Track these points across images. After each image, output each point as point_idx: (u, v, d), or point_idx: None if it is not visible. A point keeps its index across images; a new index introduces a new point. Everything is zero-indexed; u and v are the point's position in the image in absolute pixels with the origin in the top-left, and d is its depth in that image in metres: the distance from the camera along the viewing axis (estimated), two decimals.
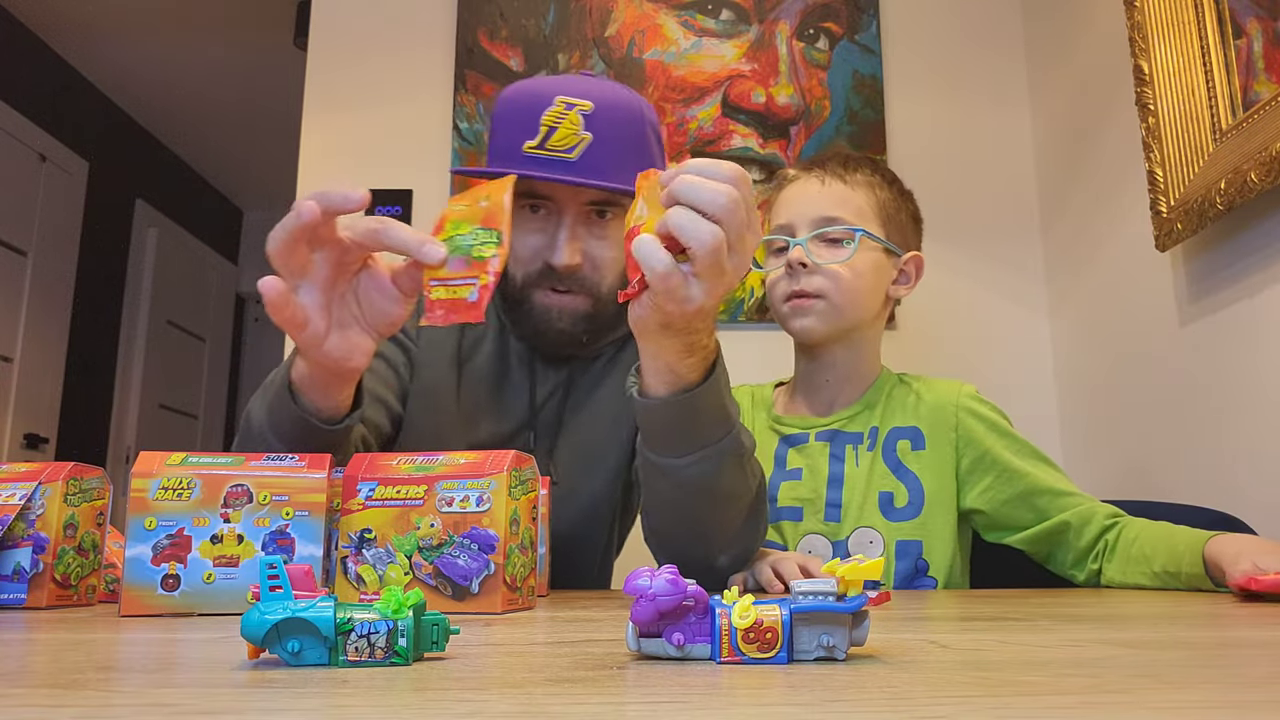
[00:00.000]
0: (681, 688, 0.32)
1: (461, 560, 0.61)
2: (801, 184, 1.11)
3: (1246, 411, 1.24)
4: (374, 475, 0.63)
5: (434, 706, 0.28)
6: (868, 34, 1.89)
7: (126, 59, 3.58)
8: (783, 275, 1.08)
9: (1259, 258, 1.21)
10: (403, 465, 0.64)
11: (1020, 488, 1.03)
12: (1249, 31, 1.20)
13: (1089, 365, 1.68)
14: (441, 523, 0.61)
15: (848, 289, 1.06)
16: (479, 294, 0.70)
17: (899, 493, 1.05)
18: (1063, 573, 1.04)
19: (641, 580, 0.37)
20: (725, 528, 0.86)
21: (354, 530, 0.62)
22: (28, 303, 3.28)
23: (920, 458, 1.06)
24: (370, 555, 0.62)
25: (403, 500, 0.62)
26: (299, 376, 0.75)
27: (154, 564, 0.61)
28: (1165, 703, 0.29)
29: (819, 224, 1.07)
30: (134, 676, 0.35)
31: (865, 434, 1.09)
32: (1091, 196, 1.66)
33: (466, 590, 0.61)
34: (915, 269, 1.14)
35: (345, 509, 0.63)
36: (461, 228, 0.71)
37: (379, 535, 0.62)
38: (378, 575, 0.61)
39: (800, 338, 1.11)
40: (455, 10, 1.90)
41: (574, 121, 0.91)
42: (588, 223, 0.96)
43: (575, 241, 0.95)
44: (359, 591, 0.62)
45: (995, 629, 0.51)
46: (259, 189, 4.72)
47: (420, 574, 0.61)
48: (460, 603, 0.60)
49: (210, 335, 4.58)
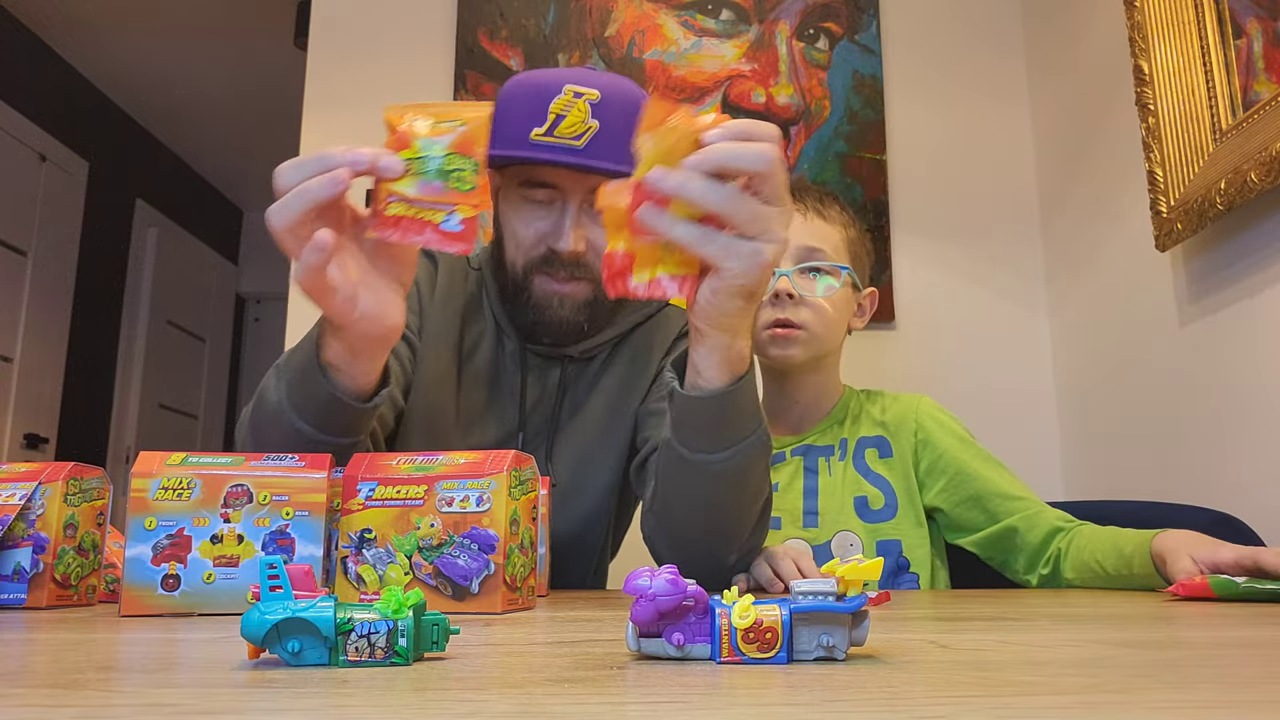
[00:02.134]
0: (681, 688, 0.32)
1: (461, 560, 0.61)
2: None
3: (1246, 411, 1.24)
4: (374, 475, 0.63)
5: (434, 706, 0.28)
6: (868, 34, 1.89)
7: (126, 59, 3.58)
8: (766, 303, 1.10)
9: (1259, 258, 1.21)
10: (402, 465, 0.64)
11: (972, 490, 1.07)
12: (1249, 31, 1.20)
13: (1089, 365, 1.68)
14: (441, 523, 0.61)
15: (829, 321, 1.11)
16: (464, 226, 0.66)
17: (873, 496, 1.10)
18: (1017, 579, 1.06)
19: (641, 580, 0.38)
20: (745, 525, 0.86)
21: (354, 530, 0.62)
22: (28, 303, 3.28)
23: (889, 464, 1.12)
24: (370, 555, 0.62)
25: (403, 500, 0.62)
26: (333, 356, 0.73)
27: (154, 564, 0.61)
28: (1164, 703, 0.29)
29: (803, 255, 1.10)
30: (134, 676, 0.35)
31: (835, 446, 1.14)
32: (1091, 196, 1.66)
33: (466, 590, 0.61)
34: (870, 304, 1.20)
35: (345, 509, 0.63)
36: (433, 148, 0.67)
37: (379, 535, 0.62)
38: (378, 575, 0.61)
39: (779, 364, 1.14)
40: (455, 10, 1.90)
41: (582, 109, 0.91)
42: (592, 211, 0.96)
43: (580, 228, 0.95)
44: (359, 591, 0.62)
45: (995, 629, 0.51)
46: (259, 189, 4.71)
47: (420, 574, 0.61)
48: (460, 603, 0.61)
49: (210, 335, 4.58)
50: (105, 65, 3.63)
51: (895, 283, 1.81)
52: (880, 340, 1.79)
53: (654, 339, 1.09)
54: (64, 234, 3.51)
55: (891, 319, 1.79)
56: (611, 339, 1.06)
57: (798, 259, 1.10)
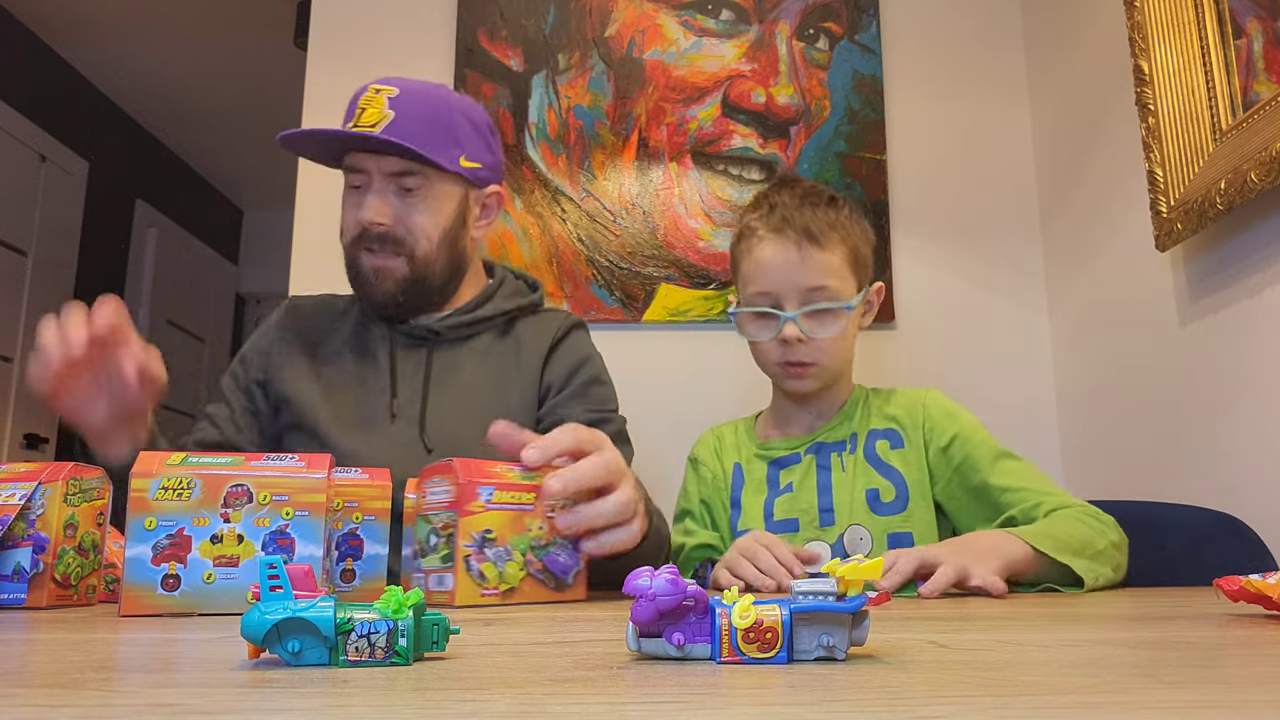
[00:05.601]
0: (681, 688, 0.32)
1: (562, 557, 0.74)
2: (777, 248, 1.10)
3: (1246, 411, 1.24)
4: (489, 480, 0.71)
5: (434, 706, 0.28)
6: (868, 34, 1.88)
7: (126, 59, 3.58)
8: (774, 344, 1.11)
9: (1259, 258, 1.21)
10: (509, 473, 0.73)
11: (975, 481, 1.06)
12: (1249, 31, 1.20)
13: (1089, 365, 1.68)
14: (547, 525, 0.73)
15: (839, 350, 1.12)
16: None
17: (884, 488, 1.10)
18: None
19: (641, 580, 0.38)
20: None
21: (476, 530, 0.69)
22: (28, 303, 3.28)
23: (902, 455, 1.11)
24: (491, 554, 0.69)
25: (517, 505, 0.72)
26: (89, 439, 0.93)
27: (154, 564, 0.61)
28: (1165, 703, 0.29)
29: (806, 295, 1.09)
30: (134, 676, 0.35)
31: (846, 440, 1.14)
32: (1091, 196, 1.66)
33: (565, 582, 0.74)
34: (877, 297, 1.19)
35: (466, 510, 0.69)
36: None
37: (499, 535, 0.70)
38: (498, 572, 0.69)
39: (796, 394, 1.16)
40: (455, 10, 1.90)
41: (379, 103, 1.06)
42: (397, 191, 1.09)
43: (383, 204, 1.08)
44: (480, 587, 0.68)
45: (995, 629, 0.51)
46: (259, 189, 4.71)
47: (531, 570, 0.72)
48: (559, 593, 0.73)
49: (210, 335, 4.58)
50: (105, 65, 3.63)
51: (895, 283, 1.81)
52: (880, 340, 1.79)
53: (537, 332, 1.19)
54: (64, 234, 3.51)
55: (892, 319, 1.79)
56: (483, 320, 1.17)
57: (802, 301, 1.09)
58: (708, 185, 1.83)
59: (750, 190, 1.81)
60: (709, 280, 1.80)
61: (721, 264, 1.79)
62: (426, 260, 1.11)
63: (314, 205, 1.84)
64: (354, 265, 1.11)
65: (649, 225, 1.82)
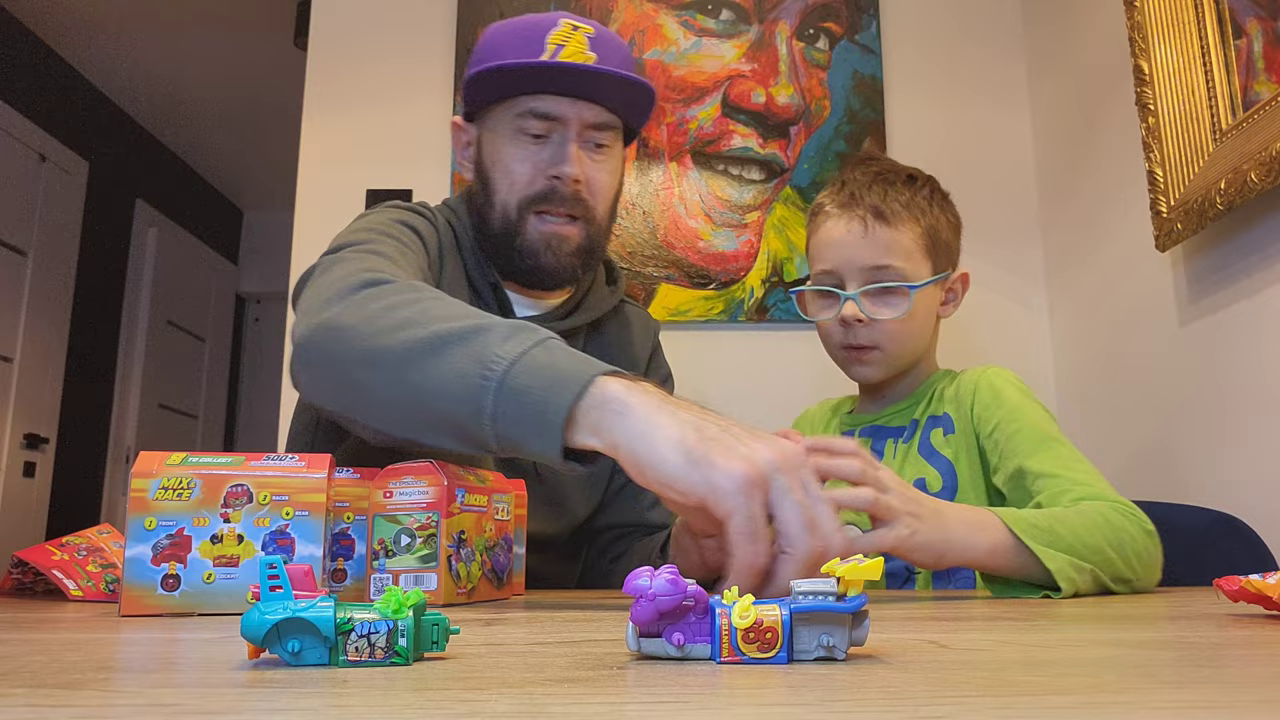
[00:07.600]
0: (681, 688, 0.32)
1: (501, 556, 0.76)
2: (842, 225, 1.07)
3: (1246, 412, 1.24)
4: (461, 483, 0.71)
5: (434, 706, 0.28)
6: (868, 34, 1.88)
7: (126, 59, 3.58)
8: (835, 325, 1.07)
9: (1259, 258, 1.21)
10: (470, 476, 0.73)
11: (1013, 466, 0.97)
12: (1249, 31, 1.20)
13: (1089, 365, 1.68)
14: (495, 527, 0.74)
15: (902, 338, 1.07)
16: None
17: (931, 478, 1.04)
18: None
19: (641, 580, 0.37)
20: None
21: (454, 532, 0.69)
22: (28, 303, 3.28)
23: (951, 441, 1.05)
24: (464, 554, 0.70)
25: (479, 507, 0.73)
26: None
27: (154, 564, 0.61)
28: (1165, 703, 0.29)
29: (869, 274, 1.05)
30: (134, 676, 0.35)
31: (906, 427, 1.10)
32: (1091, 196, 1.66)
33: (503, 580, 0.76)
34: (962, 286, 1.15)
35: (448, 512, 0.69)
36: None
37: (468, 536, 0.71)
38: (467, 571, 0.71)
39: (861, 383, 1.13)
40: (455, 10, 1.90)
41: (580, 41, 0.91)
42: (587, 148, 0.95)
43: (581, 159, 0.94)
44: (456, 586, 0.68)
45: (995, 629, 0.51)
46: (259, 189, 4.72)
47: (484, 569, 0.73)
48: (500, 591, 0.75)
49: (210, 335, 4.58)
50: (105, 65, 3.63)
51: None
52: None
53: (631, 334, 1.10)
54: (64, 234, 3.51)
55: None
56: (583, 326, 1.04)
57: (864, 280, 1.05)
58: (708, 185, 1.83)
59: (750, 190, 1.82)
60: (709, 280, 1.80)
61: (721, 264, 1.79)
62: (600, 228, 0.98)
63: (314, 205, 1.84)
64: (518, 232, 0.95)
65: (649, 225, 1.82)
